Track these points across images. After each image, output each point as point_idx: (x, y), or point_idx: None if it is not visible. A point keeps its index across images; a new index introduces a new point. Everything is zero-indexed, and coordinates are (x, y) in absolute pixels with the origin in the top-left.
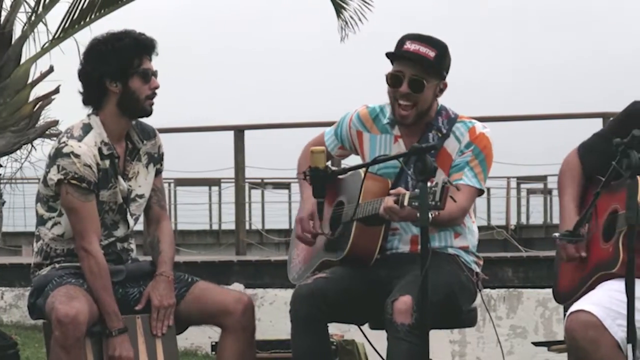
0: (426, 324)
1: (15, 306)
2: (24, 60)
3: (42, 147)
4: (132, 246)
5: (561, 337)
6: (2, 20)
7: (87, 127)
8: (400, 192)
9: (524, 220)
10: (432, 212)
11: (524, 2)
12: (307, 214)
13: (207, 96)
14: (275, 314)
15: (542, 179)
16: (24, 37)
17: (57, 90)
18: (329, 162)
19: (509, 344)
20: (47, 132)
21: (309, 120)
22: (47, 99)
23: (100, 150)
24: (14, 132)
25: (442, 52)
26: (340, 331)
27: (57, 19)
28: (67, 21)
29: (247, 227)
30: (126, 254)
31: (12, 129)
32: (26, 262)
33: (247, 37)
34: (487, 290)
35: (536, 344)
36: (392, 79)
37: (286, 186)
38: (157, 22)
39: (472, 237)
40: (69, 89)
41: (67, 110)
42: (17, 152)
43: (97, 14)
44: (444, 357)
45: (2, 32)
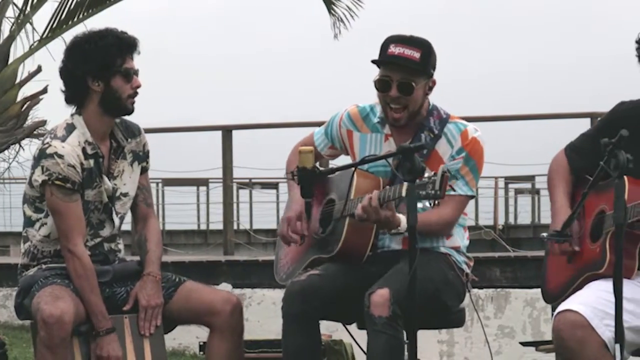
0: (414, 325)
1: (3, 306)
2: (11, 60)
3: (30, 147)
4: (120, 246)
5: (549, 337)
6: None
7: (70, 127)
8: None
9: (512, 220)
10: (431, 202)
11: (519, 3)
12: (295, 214)
13: (195, 96)
14: (263, 313)
15: (530, 178)
16: (11, 37)
17: (44, 90)
18: (317, 163)
19: (497, 344)
20: (35, 132)
21: (297, 120)
22: (34, 99)
23: (84, 149)
24: (2, 132)
25: (427, 50)
26: (328, 331)
27: (45, 19)
28: (54, 21)
29: (235, 227)
30: (113, 255)
31: (0, 129)
32: (14, 262)
33: (236, 38)
34: (475, 290)
35: (524, 344)
36: (381, 84)
37: (274, 186)
38: (145, 22)
39: (464, 238)
40: (57, 89)
41: (55, 110)
42: (5, 152)
43: (85, 13)
44: (432, 356)
45: None
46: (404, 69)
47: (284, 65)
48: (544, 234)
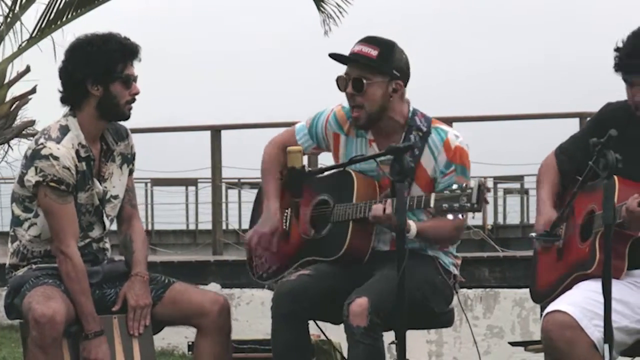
0: (402, 326)
1: None
2: (0, 60)
3: (19, 147)
4: (108, 245)
5: (538, 337)
6: None
7: (64, 129)
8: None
9: (500, 220)
10: (464, 215)
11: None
12: (269, 231)
13: (184, 96)
14: (252, 313)
15: (519, 178)
16: (0, 37)
17: (33, 90)
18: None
19: (486, 344)
20: (23, 132)
21: (285, 120)
22: (23, 98)
23: (77, 152)
24: None
25: (387, 50)
26: (316, 331)
27: (34, 19)
28: (43, 21)
29: (224, 227)
30: (102, 254)
31: None
32: (1, 262)
33: (223, 37)
34: (463, 290)
35: (513, 344)
36: (340, 82)
37: None
38: (132, 22)
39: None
40: (46, 89)
41: (44, 110)
42: None
43: (74, 13)
44: (421, 357)
45: None
46: (360, 66)
47: (272, 63)
48: (533, 234)
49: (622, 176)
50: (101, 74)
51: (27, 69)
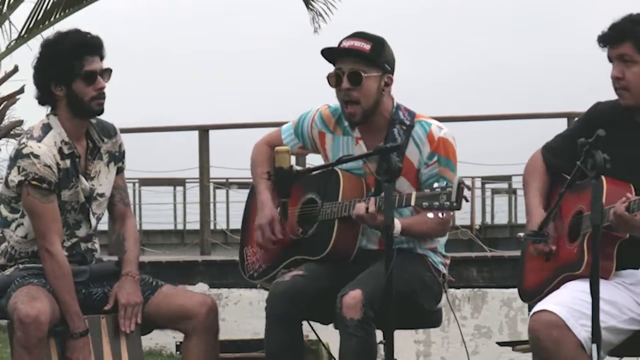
0: (390, 326)
1: None
2: None
3: (7, 147)
4: (96, 246)
5: (526, 337)
6: None
7: (46, 128)
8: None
9: (488, 220)
10: (444, 213)
11: (494, 3)
12: (265, 221)
13: (172, 96)
14: (240, 313)
15: (507, 178)
16: None
17: (21, 90)
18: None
19: (474, 344)
20: (11, 132)
21: (273, 120)
22: (11, 98)
23: (60, 149)
24: None
25: (378, 44)
26: (305, 331)
27: (22, 18)
28: (31, 21)
29: (212, 227)
30: (90, 255)
31: None
32: None
33: (212, 38)
34: (451, 290)
35: (501, 343)
36: (333, 78)
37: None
38: (120, 22)
39: (442, 237)
40: (34, 89)
41: (32, 110)
42: None
43: (62, 13)
44: (409, 357)
45: None
46: (354, 60)
47: (264, 64)
48: (521, 234)
49: (610, 176)
50: (59, 74)
51: (15, 69)
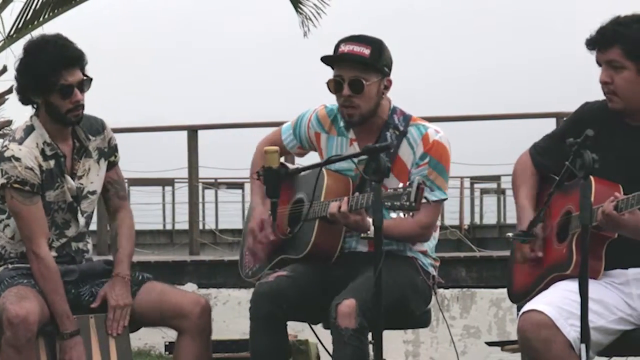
0: (379, 326)
1: None
2: None
3: None
4: (89, 246)
5: (514, 337)
6: None
7: (29, 129)
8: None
9: (477, 220)
10: (405, 213)
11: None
12: (256, 224)
13: (161, 96)
14: (228, 314)
15: (496, 178)
16: None
17: (10, 90)
18: (282, 158)
19: (463, 344)
20: (0, 132)
21: (262, 120)
22: (0, 99)
23: (42, 151)
24: None
25: (378, 48)
26: (293, 331)
27: (11, 18)
28: (20, 21)
29: (201, 227)
30: (80, 255)
31: None
32: None
33: (200, 36)
34: (440, 290)
35: (489, 343)
36: (333, 85)
37: (240, 186)
38: (108, 22)
39: (433, 239)
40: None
41: (21, 110)
42: None
43: (51, 13)
44: (398, 357)
45: None
46: (354, 66)
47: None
48: (510, 234)
49: (599, 177)
50: (37, 86)
51: (4, 69)
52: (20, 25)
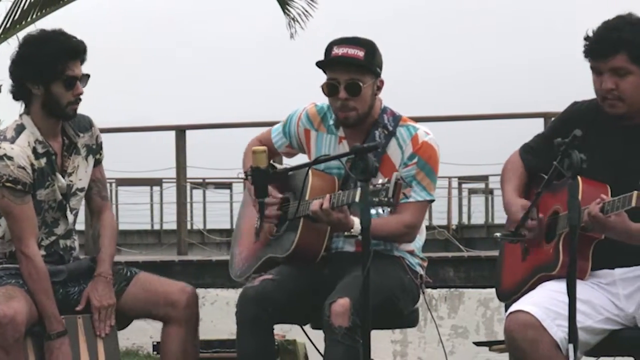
0: (367, 326)
1: None
2: None
3: None
4: (76, 244)
5: (502, 337)
6: None
7: (20, 128)
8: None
9: (465, 220)
10: (384, 209)
11: (473, 4)
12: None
13: (149, 95)
14: (216, 313)
15: (484, 178)
16: None
17: None
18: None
19: (451, 344)
20: None
21: (250, 120)
22: None
23: (34, 149)
24: None
25: (371, 49)
26: (281, 331)
27: None
28: (8, 20)
29: (189, 227)
30: (68, 254)
31: None
32: None
33: (189, 37)
34: (428, 290)
35: (477, 343)
36: (328, 88)
37: (228, 186)
38: (98, 21)
39: (420, 239)
40: (9, 83)
41: (10, 110)
42: None
43: (39, 13)
44: (385, 357)
45: None
46: (350, 69)
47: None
48: (498, 234)
49: (587, 177)
50: (40, 74)
51: None
52: (8, 25)
